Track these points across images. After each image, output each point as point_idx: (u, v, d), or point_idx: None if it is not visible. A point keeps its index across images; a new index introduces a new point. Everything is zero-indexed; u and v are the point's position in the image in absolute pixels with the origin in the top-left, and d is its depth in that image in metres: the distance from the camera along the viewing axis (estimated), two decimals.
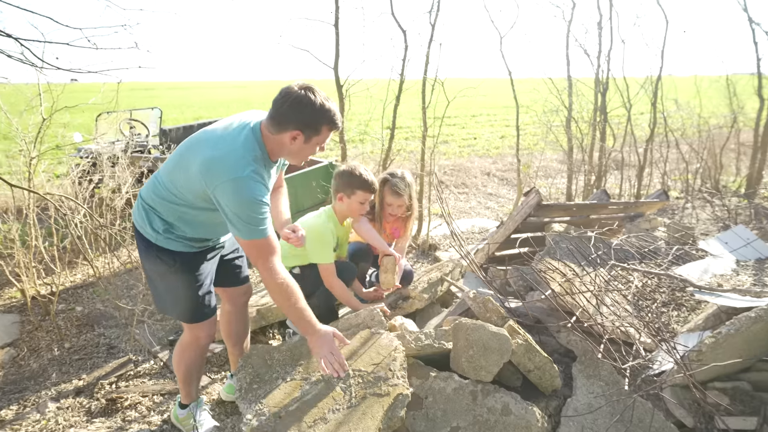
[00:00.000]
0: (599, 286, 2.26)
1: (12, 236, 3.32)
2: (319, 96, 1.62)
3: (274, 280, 1.67)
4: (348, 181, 2.35)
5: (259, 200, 1.60)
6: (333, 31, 4.09)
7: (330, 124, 1.67)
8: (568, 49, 5.59)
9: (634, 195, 6.33)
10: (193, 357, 2.04)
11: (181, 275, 1.84)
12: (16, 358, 2.96)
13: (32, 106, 3.31)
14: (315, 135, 1.67)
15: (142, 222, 1.80)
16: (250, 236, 1.62)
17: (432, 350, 2.09)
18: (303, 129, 1.63)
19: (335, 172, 2.46)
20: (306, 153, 1.75)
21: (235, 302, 2.21)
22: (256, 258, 1.65)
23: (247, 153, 1.61)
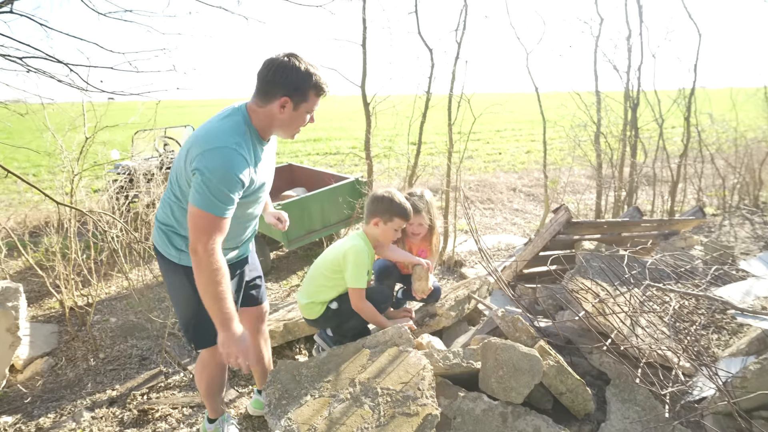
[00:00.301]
0: (634, 306, 2.19)
1: (53, 249, 3.47)
2: (304, 62, 1.59)
3: (210, 261, 1.54)
4: (387, 208, 2.35)
5: (235, 176, 1.52)
6: (360, 51, 4.17)
7: (316, 89, 1.62)
8: (596, 64, 5.52)
9: (667, 212, 6.13)
10: (214, 374, 2.04)
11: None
12: (54, 368, 3.06)
13: (75, 126, 3.49)
14: (303, 101, 1.62)
15: (163, 244, 1.81)
16: (208, 208, 1.52)
17: (460, 369, 2.06)
18: (291, 95, 1.59)
19: (372, 197, 2.44)
20: (296, 123, 1.69)
21: (252, 323, 2.22)
22: (201, 233, 1.53)
23: (233, 129, 1.59)
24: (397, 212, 2.35)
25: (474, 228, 2.73)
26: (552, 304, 3.01)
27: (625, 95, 5.55)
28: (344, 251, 2.33)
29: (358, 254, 2.30)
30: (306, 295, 2.46)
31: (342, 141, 16.21)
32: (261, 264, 4.60)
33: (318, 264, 2.48)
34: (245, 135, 1.61)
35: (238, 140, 1.56)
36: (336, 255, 2.37)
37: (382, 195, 2.37)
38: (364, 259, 2.31)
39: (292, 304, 3.58)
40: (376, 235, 2.41)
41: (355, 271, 2.29)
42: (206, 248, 1.53)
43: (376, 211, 2.36)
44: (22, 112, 3.30)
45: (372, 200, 2.41)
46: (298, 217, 4.28)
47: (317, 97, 1.66)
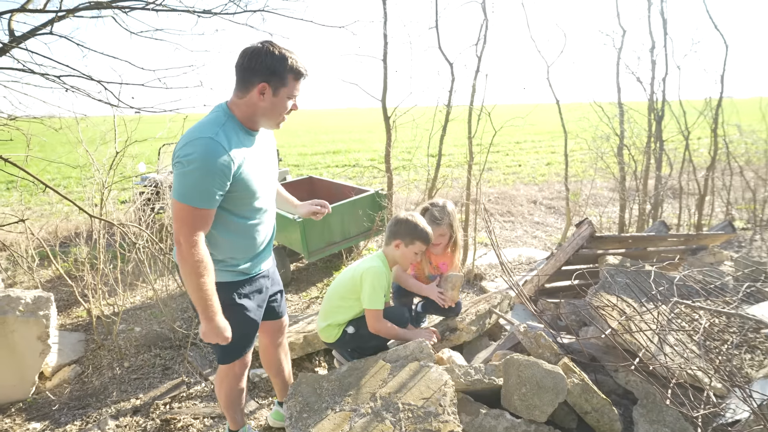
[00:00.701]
0: (662, 324, 2.13)
1: (83, 259, 3.58)
2: (278, 47, 1.58)
3: (192, 253, 1.52)
4: (410, 231, 2.33)
5: (212, 164, 1.50)
6: (381, 65, 4.22)
7: (294, 72, 1.60)
8: (618, 76, 5.46)
9: (694, 225, 5.97)
10: (232, 385, 2.04)
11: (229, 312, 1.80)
12: (81, 375, 3.13)
13: (106, 141, 3.62)
14: (282, 86, 1.60)
15: None
16: (187, 200, 1.50)
17: (482, 386, 2.03)
18: (269, 79, 1.57)
19: (395, 219, 2.40)
20: (278, 109, 1.66)
21: (271, 336, 2.23)
22: (182, 224, 1.52)
23: (211, 121, 1.59)
24: (419, 236, 2.34)
25: (495, 242, 2.70)
26: (575, 319, 2.96)
27: (649, 107, 5.46)
28: (361, 272, 2.31)
29: (375, 276, 2.28)
30: (323, 317, 2.45)
31: (361, 153, 16.34)
32: (281, 276, 4.65)
33: (335, 285, 2.47)
34: (224, 125, 1.59)
35: (215, 130, 1.55)
36: (353, 276, 2.35)
37: (405, 218, 2.36)
38: (382, 281, 2.29)
39: (312, 316, 3.60)
40: (395, 257, 2.39)
41: (371, 292, 2.27)
42: (188, 240, 1.52)
43: (398, 234, 2.35)
44: (57, 127, 3.44)
45: (395, 222, 2.39)
46: (318, 229, 4.32)
47: (296, 81, 1.63)
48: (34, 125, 3.29)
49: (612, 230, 6.30)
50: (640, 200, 5.57)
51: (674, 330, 2.19)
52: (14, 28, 2.55)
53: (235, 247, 1.79)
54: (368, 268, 2.30)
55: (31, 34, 2.54)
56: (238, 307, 1.85)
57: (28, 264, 4.00)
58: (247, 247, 1.83)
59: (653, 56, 5.24)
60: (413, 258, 2.39)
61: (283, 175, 6.64)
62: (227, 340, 1.66)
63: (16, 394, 2.84)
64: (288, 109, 1.68)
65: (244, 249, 1.82)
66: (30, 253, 4.01)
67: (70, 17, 2.56)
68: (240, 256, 1.82)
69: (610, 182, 9.00)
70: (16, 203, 5.87)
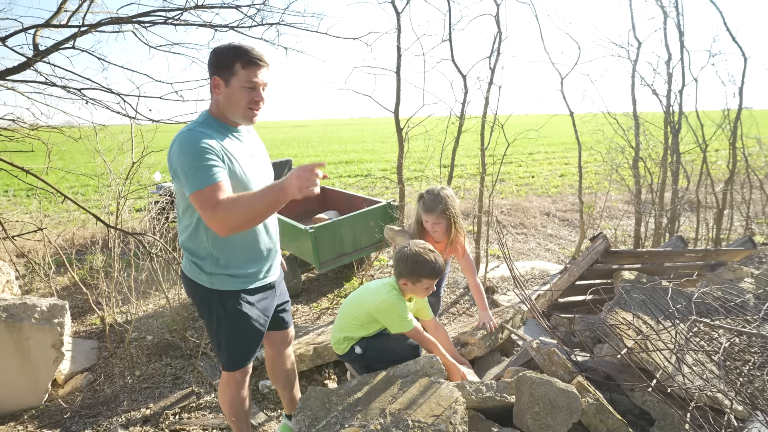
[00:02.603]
0: (680, 343, 2.07)
1: (98, 267, 3.63)
2: (234, 42, 1.64)
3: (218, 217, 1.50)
4: (412, 270, 2.14)
5: (199, 144, 1.55)
6: (394, 77, 4.25)
7: (240, 58, 1.59)
8: (633, 88, 5.41)
9: (712, 240, 5.84)
10: (234, 393, 2.04)
11: (235, 320, 1.85)
12: (93, 383, 3.16)
13: (124, 150, 3.69)
14: (231, 75, 1.61)
15: (194, 272, 1.82)
16: (199, 185, 1.52)
17: (493, 403, 1.99)
18: (219, 72, 1.62)
19: (397, 257, 2.21)
20: (236, 99, 1.65)
21: (277, 347, 2.23)
22: (207, 209, 1.51)
23: (191, 123, 1.70)
24: (426, 272, 2.15)
25: (508, 255, 2.67)
26: (589, 336, 2.90)
27: (665, 120, 5.39)
28: (376, 308, 2.19)
29: (393, 308, 2.17)
30: (336, 329, 2.40)
31: (373, 163, 16.40)
32: (292, 285, 4.65)
33: (349, 302, 2.39)
34: (202, 123, 1.68)
35: (193, 125, 1.65)
36: (368, 309, 2.24)
37: (406, 255, 2.16)
38: (400, 307, 2.18)
39: (322, 327, 3.59)
40: (406, 291, 2.27)
41: (397, 319, 2.17)
42: (215, 210, 1.50)
43: (403, 273, 2.19)
44: (76, 137, 3.52)
45: (397, 261, 2.21)
46: (329, 239, 4.33)
47: (247, 69, 1.61)
48: (54, 135, 3.37)
49: (627, 244, 6.20)
50: (656, 214, 5.48)
51: (693, 350, 2.13)
52: (38, 42, 2.63)
53: (237, 249, 1.81)
54: (383, 301, 2.17)
55: (54, 49, 2.61)
56: (244, 316, 1.87)
57: (45, 271, 4.08)
58: (249, 249, 1.84)
59: (669, 69, 5.18)
60: (425, 291, 2.24)
61: None
62: (315, 175, 1.47)
63: (29, 401, 2.87)
64: (248, 99, 1.66)
65: (247, 251, 1.84)
66: (47, 261, 4.08)
67: (92, 32, 2.63)
68: (242, 259, 1.84)
69: (625, 195, 8.88)
70: (35, 211, 6.01)
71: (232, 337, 1.89)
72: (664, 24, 5.20)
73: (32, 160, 3.33)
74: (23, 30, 2.59)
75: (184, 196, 1.67)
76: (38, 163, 3.31)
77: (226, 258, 1.80)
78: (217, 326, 1.87)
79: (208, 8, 3.01)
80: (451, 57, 4.42)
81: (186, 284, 1.90)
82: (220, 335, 1.88)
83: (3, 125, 3.00)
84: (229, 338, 1.89)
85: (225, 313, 1.84)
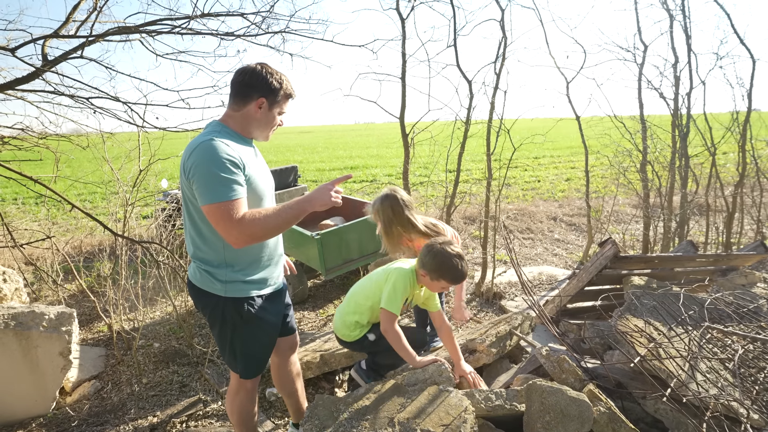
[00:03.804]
0: (693, 351, 2.04)
1: (105, 275, 3.64)
2: (274, 70, 1.78)
3: (243, 229, 1.58)
4: (437, 267, 2.15)
5: (222, 156, 1.60)
6: (399, 84, 4.25)
7: (287, 94, 1.81)
8: (640, 91, 5.38)
9: (722, 244, 5.77)
10: (244, 401, 2.04)
11: (251, 326, 1.86)
12: (100, 391, 3.16)
13: (131, 158, 3.71)
14: (275, 103, 1.79)
15: (205, 282, 1.82)
16: (217, 198, 1.57)
17: (503, 411, 1.96)
18: (266, 96, 1.76)
19: (429, 249, 2.19)
20: (270, 123, 1.83)
21: (283, 354, 2.22)
22: (225, 223, 1.58)
23: (207, 131, 1.73)
24: (445, 276, 2.16)
25: (516, 260, 2.64)
26: (599, 342, 2.86)
27: (673, 124, 5.35)
28: (389, 271, 2.26)
29: (400, 278, 2.21)
30: (344, 313, 2.39)
31: (378, 169, 16.41)
32: (299, 292, 4.63)
33: (363, 282, 2.41)
34: (220, 132, 1.72)
35: (213, 135, 1.68)
36: (379, 275, 2.31)
37: (435, 252, 2.16)
38: (405, 285, 2.21)
39: (329, 333, 3.57)
40: (422, 281, 2.28)
41: (392, 292, 2.19)
42: (240, 224, 1.58)
43: (426, 266, 2.19)
44: (84, 145, 3.54)
45: (426, 252, 2.20)
46: (336, 245, 4.32)
47: (286, 101, 1.84)
48: (62, 143, 3.40)
49: (636, 248, 6.14)
50: (665, 218, 5.42)
51: (708, 358, 2.09)
52: (47, 52, 2.65)
53: (251, 256, 1.84)
54: (397, 269, 2.25)
55: (62, 58, 2.63)
56: (260, 321, 1.88)
57: (53, 279, 4.10)
58: (261, 255, 1.87)
59: (677, 72, 5.15)
60: (439, 288, 2.25)
61: (301, 191, 6.69)
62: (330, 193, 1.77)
63: (37, 409, 2.87)
64: (276, 124, 1.86)
65: (260, 257, 1.87)
66: (55, 268, 4.10)
67: (99, 42, 2.65)
68: (255, 264, 1.86)
69: (633, 199, 8.81)
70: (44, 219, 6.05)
71: (250, 343, 1.90)
72: (671, 27, 5.18)
73: (41, 168, 3.36)
74: (33, 41, 2.62)
75: (196, 204, 1.69)
76: (47, 171, 3.34)
77: (240, 265, 1.82)
78: (232, 334, 1.87)
79: (214, 16, 3.03)
80: (456, 62, 4.42)
81: (194, 294, 1.88)
82: (235, 343, 1.88)
83: (12, 134, 3.02)
84: (246, 345, 1.90)
85: (241, 320, 1.84)
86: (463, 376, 2.33)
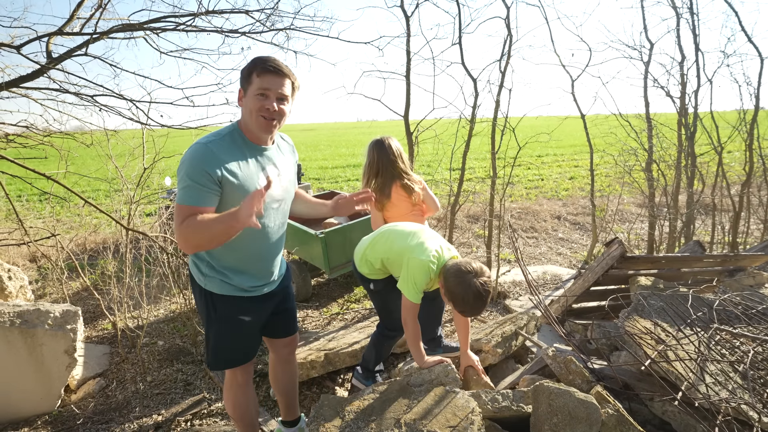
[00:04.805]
0: (702, 353, 2.02)
1: (109, 272, 3.64)
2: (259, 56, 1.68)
3: (180, 233, 1.55)
4: (451, 291, 2.00)
5: (197, 163, 1.56)
6: (404, 82, 4.23)
7: (258, 68, 1.62)
8: (646, 90, 5.34)
9: (728, 244, 5.73)
10: (237, 394, 2.02)
11: (224, 323, 1.85)
12: (105, 389, 3.16)
13: (135, 156, 3.70)
14: (248, 85, 1.65)
15: (194, 268, 1.87)
16: (180, 200, 1.58)
17: (510, 413, 1.95)
18: (242, 83, 1.68)
19: (455, 267, 2.01)
20: (251, 108, 1.65)
21: (278, 352, 2.21)
22: (176, 224, 1.58)
23: (212, 133, 1.68)
24: (458, 307, 2.02)
25: (521, 260, 2.63)
26: (606, 343, 2.84)
27: (679, 122, 5.31)
28: (409, 259, 2.12)
29: (420, 272, 2.08)
30: (362, 250, 2.44)
31: None
32: (302, 290, 4.62)
33: (396, 231, 2.31)
34: (224, 136, 1.67)
35: (211, 139, 1.64)
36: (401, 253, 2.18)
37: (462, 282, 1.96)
38: (423, 278, 2.10)
39: (333, 333, 3.56)
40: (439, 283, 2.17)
41: (410, 283, 2.10)
42: (179, 229, 1.56)
43: (446, 282, 2.04)
44: (88, 143, 3.54)
45: (454, 271, 2.00)
46: (340, 244, 4.30)
47: (261, 76, 1.63)
48: (66, 141, 3.39)
49: (641, 248, 6.11)
50: (671, 217, 5.38)
51: (718, 360, 2.07)
52: (52, 50, 2.64)
53: (228, 257, 1.80)
54: (417, 261, 2.08)
55: (67, 56, 2.62)
56: (233, 321, 1.86)
57: (58, 276, 4.10)
58: (240, 258, 1.81)
59: (683, 70, 5.10)
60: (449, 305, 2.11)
61: (304, 189, 6.69)
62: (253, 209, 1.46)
63: (43, 407, 2.87)
64: (258, 105, 1.64)
65: (238, 260, 1.81)
66: (60, 266, 4.10)
67: (104, 39, 2.64)
68: (237, 269, 1.82)
69: (638, 198, 8.77)
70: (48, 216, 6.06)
71: (221, 338, 1.89)
72: (678, 25, 5.13)
73: (45, 165, 3.35)
74: (37, 38, 2.61)
75: None
76: (51, 168, 3.33)
77: (220, 265, 1.81)
78: (207, 324, 1.89)
79: (219, 14, 3.01)
80: (461, 60, 4.39)
81: (190, 279, 1.94)
82: (209, 333, 1.90)
83: (17, 132, 3.02)
84: (218, 339, 1.89)
85: (215, 315, 1.85)
86: (471, 365, 2.33)
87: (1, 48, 2.60)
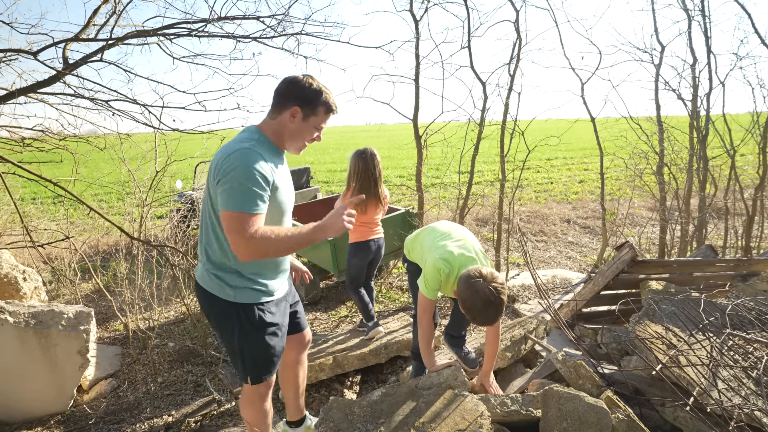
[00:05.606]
0: (715, 358, 1.99)
1: (122, 274, 3.69)
2: (317, 82, 1.74)
3: (264, 238, 1.58)
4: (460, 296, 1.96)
5: (255, 169, 1.58)
6: (413, 85, 4.24)
7: (326, 106, 1.75)
8: (657, 93, 5.30)
9: (741, 248, 5.65)
10: (258, 406, 2.01)
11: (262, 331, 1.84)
12: (116, 390, 3.20)
13: (147, 160, 3.76)
14: (312, 114, 1.73)
15: (215, 287, 1.79)
16: (238, 208, 1.56)
17: (519, 417, 1.94)
18: (302, 105, 1.71)
19: (468, 275, 1.97)
20: (304, 134, 1.77)
21: (296, 349, 2.24)
22: (236, 234, 1.57)
23: (245, 137, 1.71)
24: (468, 315, 1.98)
25: (531, 263, 2.62)
26: (616, 348, 2.81)
27: (691, 125, 5.25)
28: (434, 260, 2.14)
29: (431, 269, 2.13)
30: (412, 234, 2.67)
31: (389, 170, 16.39)
32: (310, 293, 4.64)
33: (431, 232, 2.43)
34: (258, 140, 1.71)
35: (252, 143, 1.66)
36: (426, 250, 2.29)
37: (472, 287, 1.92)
38: (436, 278, 2.13)
39: (342, 335, 3.57)
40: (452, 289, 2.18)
41: (423, 279, 2.19)
42: (252, 239, 1.56)
43: (458, 287, 2.00)
44: (101, 147, 3.60)
45: (466, 278, 1.97)
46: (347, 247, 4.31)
47: (326, 115, 1.78)
48: (80, 145, 3.45)
49: (652, 252, 6.05)
50: (682, 221, 5.32)
51: (731, 366, 2.04)
52: (68, 56, 2.70)
53: (263, 263, 1.84)
54: (434, 261, 2.13)
55: (83, 62, 2.68)
56: (270, 325, 1.86)
57: (71, 278, 4.16)
58: (274, 263, 1.88)
59: (695, 73, 5.05)
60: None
61: (313, 193, 6.72)
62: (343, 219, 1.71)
63: (55, 407, 2.92)
64: (311, 137, 1.80)
65: (272, 265, 1.87)
66: (73, 267, 4.17)
67: (119, 45, 2.69)
68: (266, 272, 1.86)
69: (648, 202, 8.68)
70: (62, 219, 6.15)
71: (261, 348, 1.87)
72: (689, 27, 5.09)
73: (59, 169, 3.41)
74: (54, 44, 2.67)
75: (216, 207, 1.68)
76: (66, 172, 3.39)
77: (250, 272, 1.80)
78: (242, 339, 1.83)
79: (231, 20, 3.05)
80: (470, 64, 4.40)
81: (203, 297, 1.84)
82: (245, 348, 1.84)
83: (33, 136, 3.08)
84: (257, 350, 1.87)
85: (251, 326, 1.82)
86: (485, 384, 2.30)
87: (19, 54, 2.66)
